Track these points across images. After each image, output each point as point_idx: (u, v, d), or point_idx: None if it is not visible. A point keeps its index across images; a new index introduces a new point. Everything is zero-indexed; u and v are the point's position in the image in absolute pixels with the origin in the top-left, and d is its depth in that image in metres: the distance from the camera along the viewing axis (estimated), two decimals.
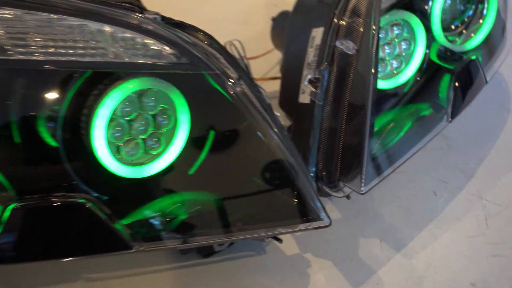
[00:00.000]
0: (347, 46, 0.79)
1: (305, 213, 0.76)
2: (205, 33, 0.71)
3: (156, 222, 0.71)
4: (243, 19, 1.30)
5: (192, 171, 0.73)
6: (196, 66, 0.66)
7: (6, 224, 0.62)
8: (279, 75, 0.99)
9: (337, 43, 0.80)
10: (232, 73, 0.69)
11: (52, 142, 0.65)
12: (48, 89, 0.64)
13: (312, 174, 0.84)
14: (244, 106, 0.70)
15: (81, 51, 0.62)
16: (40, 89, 0.64)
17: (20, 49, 0.59)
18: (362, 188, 0.81)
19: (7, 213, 0.62)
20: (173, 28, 0.68)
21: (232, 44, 1.03)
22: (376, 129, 0.90)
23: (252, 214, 0.76)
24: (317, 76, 0.82)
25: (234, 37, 1.05)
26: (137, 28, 0.64)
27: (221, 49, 0.70)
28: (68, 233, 0.66)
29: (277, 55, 1.15)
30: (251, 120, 0.71)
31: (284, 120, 0.91)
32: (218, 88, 0.68)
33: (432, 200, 0.99)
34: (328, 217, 0.77)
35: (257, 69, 1.13)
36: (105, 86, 0.65)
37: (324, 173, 0.84)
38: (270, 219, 0.76)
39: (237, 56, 1.02)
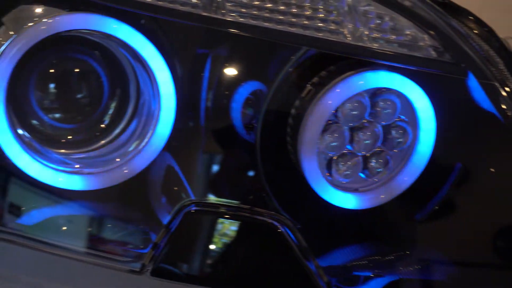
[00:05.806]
0: None
1: None
2: (481, 23, 0.70)
3: (360, 274, 0.72)
4: None
5: (420, 215, 0.72)
6: (463, 70, 0.65)
7: (176, 231, 0.67)
8: None
9: None
10: None
11: (244, 134, 0.69)
12: (252, 65, 0.68)
13: None
14: None
15: (306, 22, 0.64)
16: (242, 62, 0.68)
17: (233, 7, 0.63)
18: None
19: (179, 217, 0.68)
20: (438, 9, 0.68)
21: (509, 42, 1.00)
22: None
23: None
24: None
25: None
26: (389, 1, 0.64)
27: (503, 50, 0.68)
28: (246, 259, 0.70)
29: None
30: None
31: None
32: (491, 104, 0.67)
33: None
34: None
35: None
36: (329, 75, 0.66)
37: None
38: None
39: None
